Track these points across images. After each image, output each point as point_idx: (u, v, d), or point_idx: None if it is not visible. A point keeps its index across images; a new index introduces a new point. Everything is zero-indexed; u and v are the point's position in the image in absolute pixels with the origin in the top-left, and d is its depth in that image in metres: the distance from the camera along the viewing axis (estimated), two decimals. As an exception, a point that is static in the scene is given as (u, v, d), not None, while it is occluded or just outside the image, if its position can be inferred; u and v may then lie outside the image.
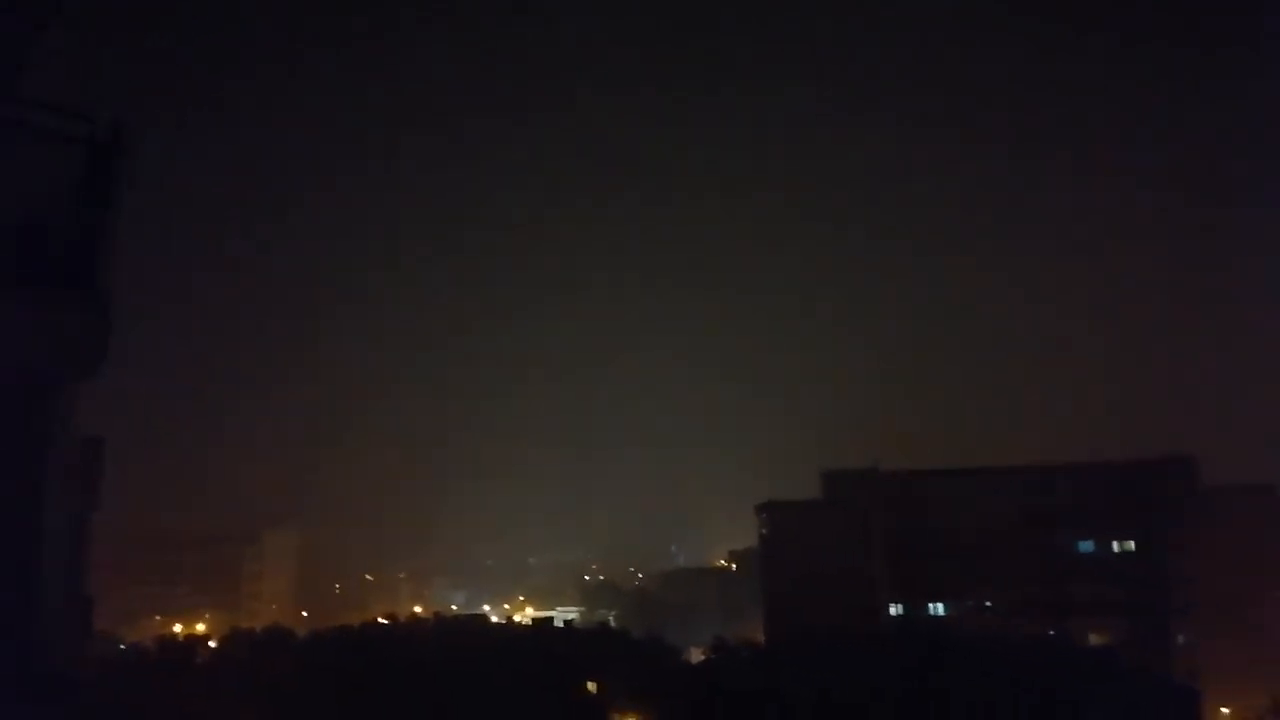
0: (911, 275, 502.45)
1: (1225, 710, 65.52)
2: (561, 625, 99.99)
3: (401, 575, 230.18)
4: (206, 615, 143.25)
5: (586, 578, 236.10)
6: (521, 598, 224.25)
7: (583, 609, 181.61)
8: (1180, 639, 73.75)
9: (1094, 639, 72.70)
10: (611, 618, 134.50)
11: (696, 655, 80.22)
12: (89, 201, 7.58)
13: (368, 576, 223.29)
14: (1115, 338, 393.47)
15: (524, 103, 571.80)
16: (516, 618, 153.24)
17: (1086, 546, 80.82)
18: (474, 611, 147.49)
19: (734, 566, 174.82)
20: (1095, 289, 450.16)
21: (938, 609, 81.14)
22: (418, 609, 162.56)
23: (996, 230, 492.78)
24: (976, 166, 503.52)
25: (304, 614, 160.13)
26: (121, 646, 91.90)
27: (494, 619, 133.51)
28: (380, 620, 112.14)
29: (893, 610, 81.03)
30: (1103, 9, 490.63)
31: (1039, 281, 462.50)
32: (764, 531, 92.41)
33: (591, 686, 65.18)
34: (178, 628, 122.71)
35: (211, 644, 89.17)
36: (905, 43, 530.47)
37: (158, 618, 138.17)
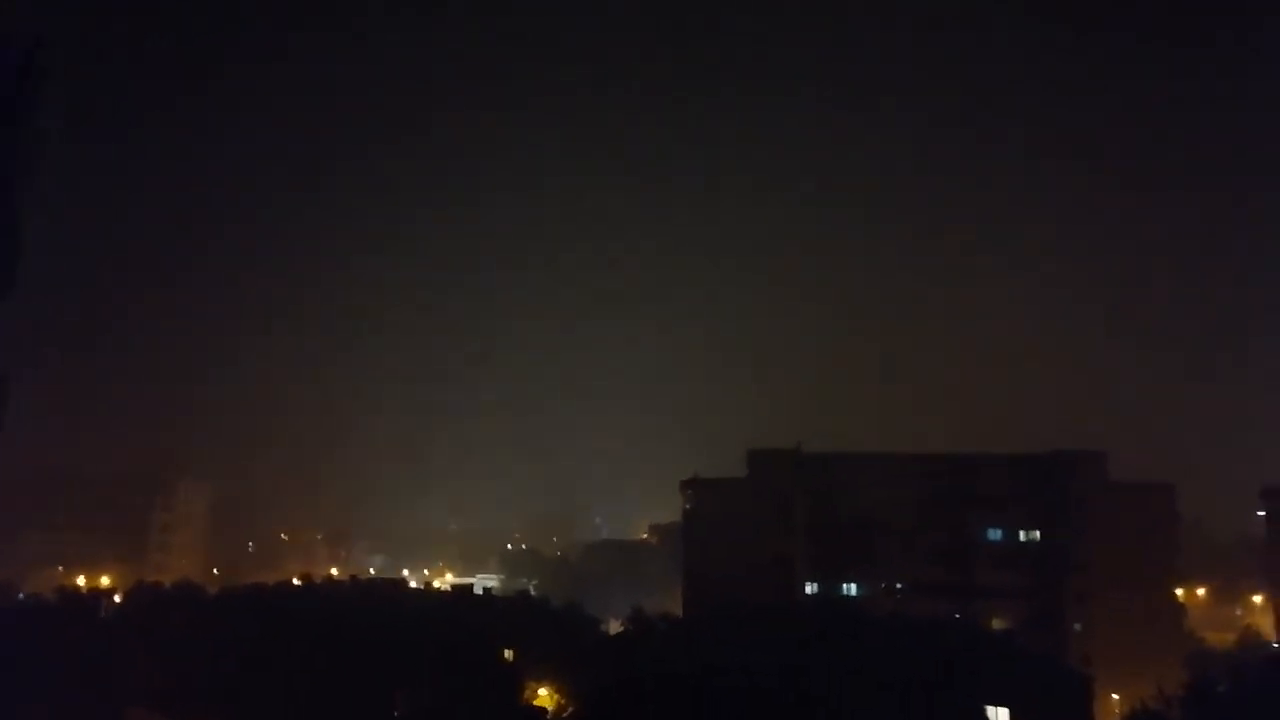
0: (852, 266, 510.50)
1: (1115, 696, 68.70)
2: (481, 592, 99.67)
3: (318, 536, 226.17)
4: (111, 567, 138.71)
5: (509, 546, 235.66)
6: (441, 563, 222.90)
7: (503, 577, 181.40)
8: (1076, 626, 77.00)
9: (995, 623, 75.47)
10: (531, 587, 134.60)
11: (615, 627, 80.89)
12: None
13: (283, 535, 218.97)
14: (1037, 335, 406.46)
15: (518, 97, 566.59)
16: (436, 583, 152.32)
17: (994, 534, 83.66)
18: (392, 576, 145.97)
19: (656, 540, 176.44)
20: (1025, 286, 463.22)
21: (850, 588, 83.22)
22: (334, 571, 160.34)
23: (934, 227, 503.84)
24: (948, 161, 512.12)
25: (214, 570, 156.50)
26: (20, 597, 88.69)
27: (413, 584, 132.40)
28: (294, 581, 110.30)
29: (808, 588, 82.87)
30: (1105, 9, 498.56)
31: (972, 277, 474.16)
32: (687, 507, 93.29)
33: (509, 654, 65.21)
34: (80, 579, 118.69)
35: (116, 598, 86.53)
36: (903, 42, 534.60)
37: (60, 568, 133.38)
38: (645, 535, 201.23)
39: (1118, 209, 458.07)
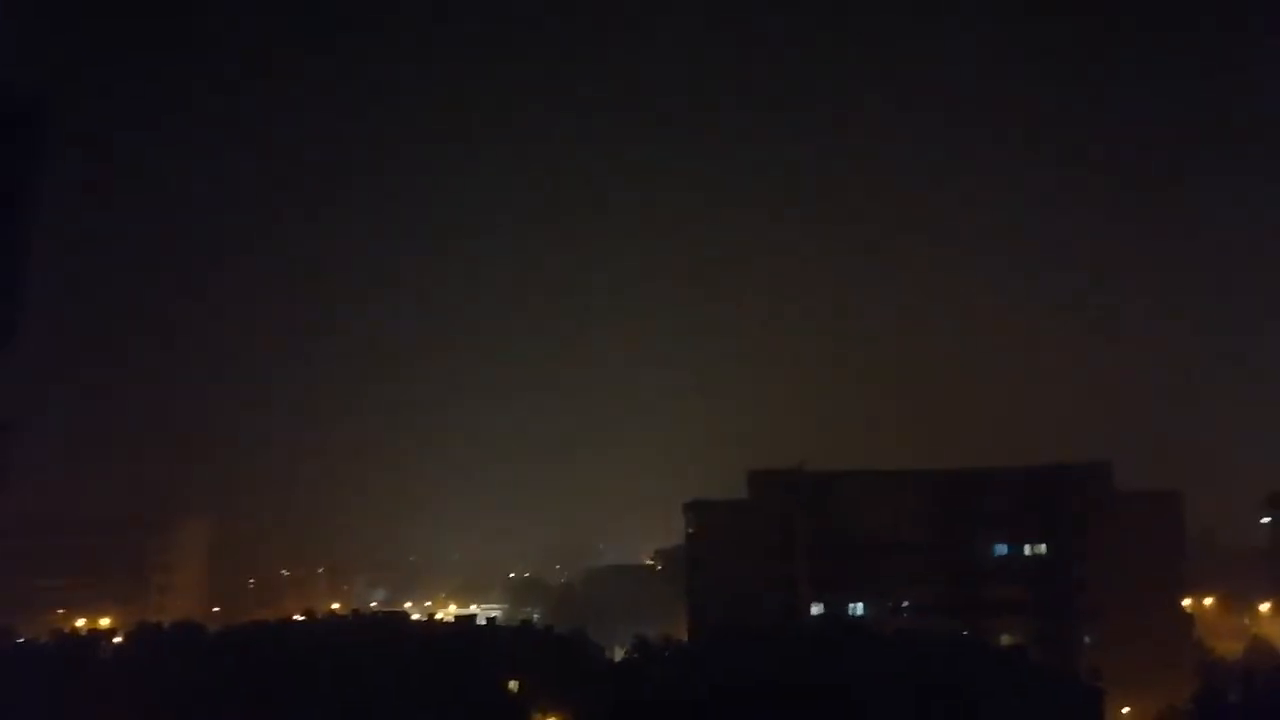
0: (846, 283, 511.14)
1: (1126, 710, 68.25)
2: (484, 623, 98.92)
3: (320, 570, 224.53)
4: (112, 609, 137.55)
5: (511, 575, 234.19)
6: (444, 595, 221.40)
7: (506, 606, 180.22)
8: (1086, 640, 76.59)
9: (1005, 639, 75.08)
10: (535, 615, 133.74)
11: (620, 653, 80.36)
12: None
13: (284, 571, 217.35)
14: (1039, 345, 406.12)
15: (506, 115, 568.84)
16: (439, 615, 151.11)
17: (1000, 549, 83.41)
18: (395, 609, 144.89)
19: (659, 565, 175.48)
20: (1025, 297, 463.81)
21: (857, 609, 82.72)
22: (336, 606, 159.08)
23: (932, 238, 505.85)
24: (935, 174, 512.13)
25: (215, 609, 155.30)
26: (19, 641, 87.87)
27: (415, 616, 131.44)
28: (297, 617, 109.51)
29: (814, 609, 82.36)
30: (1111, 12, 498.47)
31: (968, 290, 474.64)
32: (690, 530, 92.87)
33: (513, 685, 64.67)
34: (80, 622, 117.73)
35: (117, 639, 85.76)
36: (898, 56, 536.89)
37: (60, 611, 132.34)
38: (649, 560, 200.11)
39: (1119, 216, 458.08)
